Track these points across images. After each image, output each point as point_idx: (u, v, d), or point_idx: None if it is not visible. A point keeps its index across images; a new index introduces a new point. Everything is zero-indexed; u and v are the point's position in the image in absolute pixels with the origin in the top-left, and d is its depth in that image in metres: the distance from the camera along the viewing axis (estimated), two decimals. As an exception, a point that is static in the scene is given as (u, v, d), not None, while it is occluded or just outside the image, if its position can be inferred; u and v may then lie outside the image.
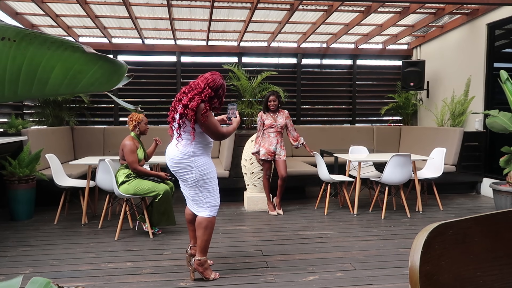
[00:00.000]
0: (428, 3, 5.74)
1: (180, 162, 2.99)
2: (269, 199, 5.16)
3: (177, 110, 2.98)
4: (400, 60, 7.95)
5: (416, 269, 0.71)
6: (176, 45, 7.74)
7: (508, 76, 4.96)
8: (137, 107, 0.79)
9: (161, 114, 8.00)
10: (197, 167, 2.99)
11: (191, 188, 3.07)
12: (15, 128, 5.26)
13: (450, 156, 6.03)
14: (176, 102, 3.02)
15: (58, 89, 0.58)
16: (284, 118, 5.07)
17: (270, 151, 4.97)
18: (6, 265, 3.38)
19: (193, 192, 3.07)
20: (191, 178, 3.01)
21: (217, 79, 3.01)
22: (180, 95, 3.03)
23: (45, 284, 0.79)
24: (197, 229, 3.08)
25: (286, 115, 5.13)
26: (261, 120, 5.04)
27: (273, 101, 4.98)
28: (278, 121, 5.01)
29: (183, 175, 3.03)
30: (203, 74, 3.07)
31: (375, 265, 3.38)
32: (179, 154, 2.99)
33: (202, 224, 3.03)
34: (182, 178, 3.07)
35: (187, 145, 2.99)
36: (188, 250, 3.33)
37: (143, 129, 4.20)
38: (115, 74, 0.59)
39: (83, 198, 4.69)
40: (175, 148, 3.03)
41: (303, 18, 6.72)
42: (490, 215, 0.81)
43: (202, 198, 3.05)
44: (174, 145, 3.04)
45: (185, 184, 3.10)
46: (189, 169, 2.99)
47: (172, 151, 3.04)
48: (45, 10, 5.90)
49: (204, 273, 3.06)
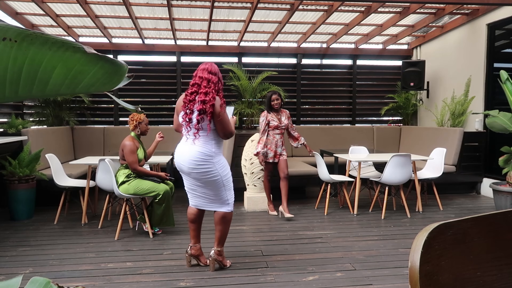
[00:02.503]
0: (428, 3, 5.74)
1: (202, 164, 2.99)
2: (270, 199, 5.14)
3: (193, 110, 2.99)
4: (400, 60, 7.95)
5: (416, 269, 0.71)
6: (176, 45, 7.74)
7: (508, 76, 4.96)
8: (137, 107, 0.79)
9: (161, 114, 8.00)
10: (220, 168, 3.05)
11: (211, 189, 3.10)
12: (15, 128, 5.26)
13: (450, 156, 6.03)
14: (190, 104, 3.01)
15: (59, 90, 0.58)
16: (286, 118, 5.06)
17: (277, 153, 4.97)
18: (6, 265, 3.38)
19: (213, 193, 3.12)
20: (215, 180, 3.05)
21: (213, 65, 3.10)
22: (189, 96, 3.02)
23: (45, 283, 0.79)
24: (218, 223, 3.18)
25: (288, 115, 5.11)
26: (266, 120, 4.92)
27: (276, 99, 4.92)
28: (282, 122, 4.98)
29: (204, 177, 3.03)
30: (199, 69, 3.08)
31: (375, 265, 3.38)
32: (200, 155, 2.98)
33: (225, 219, 3.17)
34: (202, 180, 3.04)
35: (207, 144, 3.01)
36: (188, 250, 3.34)
37: (143, 129, 4.19)
38: (115, 75, 0.59)
39: (83, 198, 4.69)
40: (192, 148, 3.00)
41: (303, 18, 6.72)
42: (490, 215, 0.81)
43: (224, 196, 3.15)
44: (189, 145, 3.01)
45: (204, 186, 3.09)
46: (212, 171, 3.02)
47: (190, 151, 3.00)
48: (45, 10, 5.90)
49: (223, 261, 3.26)
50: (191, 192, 3.24)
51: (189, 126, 3.02)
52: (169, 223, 4.14)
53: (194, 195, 3.23)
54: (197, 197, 3.22)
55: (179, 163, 3.09)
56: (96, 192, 5.08)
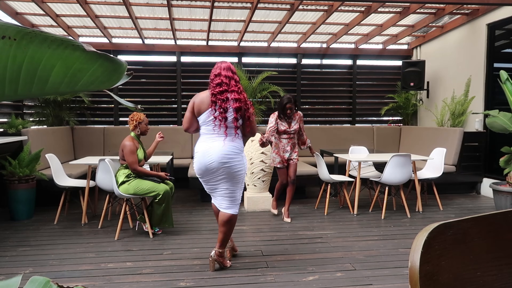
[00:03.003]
0: (428, 3, 5.74)
1: (234, 157, 3.10)
2: (275, 198, 5.02)
3: (227, 109, 3.06)
4: (400, 60, 7.95)
5: (416, 269, 0.71)
6: (176, 45, 7.74)
7: (508, 76, 4.96)
8: (137, 105, 0.79)
9: (161, 114, 8.00)
10: (244, 163, 3.21)
11: (232, 184, 3.20)
12: (15, 128, 5.26)
13: (450, 156, 6.03)
14: (223, 103, 3.06)
15: (58, 88, 0.58)
16: (298, 122, 4.80)
17: (284, 158, 4.77)
18: (6, 265, 3.38)
19: (234, 188, 3.22)
20: (240, 174, 3.17)
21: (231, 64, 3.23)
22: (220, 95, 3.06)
23: (45, 283, 0.79)
24: (223, 225, 3.21)
25: (300, 118, 4.83)
26: (275, 125, 4.66)
27: (289, 109, 4.61)
28: (292, 127, 4.74)
29: (232, 170, 3.12)
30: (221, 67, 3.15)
31: (375, 265, 3.38)
32: (233, 149, 3.10)
33: (231, 221, 3.23)
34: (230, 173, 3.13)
35: (237, 140, 3.16)
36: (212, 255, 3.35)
37: (143, 129, 4.18)
38: (115, 73, 0.59)
39: (83, 198, 4.69)
40: (224, 144, 3.08)
41: (303, 18, 6.72)
42: (490, 215, 0.81)
43: (237, 195, 3.25)
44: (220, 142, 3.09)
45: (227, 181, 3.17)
46: (240, 165, 3.15)
47: (222, 147, 3.07)
48: (45, 10, 5.90)
49: (224, 262, 3.28)
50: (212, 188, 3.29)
51: (223, 124, 3.08)
52: (169, 223, 4.13)
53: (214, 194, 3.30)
54: (216, 196, 3.29)
55: (208, 161, 3.09)
56: (96, 192, 5.08)
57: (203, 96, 3.15)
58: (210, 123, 3.10)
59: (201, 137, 3.20)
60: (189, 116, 3.19)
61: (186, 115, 3.21)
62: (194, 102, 3.16)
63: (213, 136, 3.11)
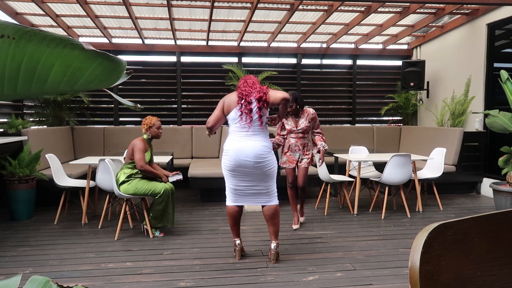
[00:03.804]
0: (428, 3, 5.74)
1: (266, 155, 3.27)
2: (295, 209, 4.58)
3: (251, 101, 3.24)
4: (400, 60, 7.94)
5: (416, 269, 0.71)
6: (176, 45, 7.74)
7: (508, 76, 4.96)
8: (136, 104, 0.78)
9: (161, 114, 7.99)
10: (274, 159, 3.37)
11: (267, 181, 3.34)
12: (15, 128, 5.26)
13: (450, 156, 6.03)
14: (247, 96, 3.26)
15: (57, 87, 0.58)
16: (307, 121, 4.45)
17: (292, 158, 4.51)
18: (6, 265, 3.38)
19: (269, 184, 3.37)
20: (273, 171, 3.34)
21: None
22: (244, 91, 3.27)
23: (44, 282, 0.79)
24: (272, 218, 3.39)
25: (311, 116, 4.47)
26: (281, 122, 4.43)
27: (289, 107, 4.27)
28: (299, 125, 4.44)
29: (266, 169, 3.28)
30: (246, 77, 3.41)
31: (375, 265, 3.38)
32: (265, 148, 3.27)
33: (277, 211, 3.41)
34: (264, 172, 3.28)
35: (265, 137, 3.32)
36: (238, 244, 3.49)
37: (154, 133, 4.18)
38: (114, 71, 0.59)
39: (83, 198, 4.69)
40: (255, 142, 3.24)
41: (303, 18, 6.72)
42: (490, 215, 0.81)
43: (273, 188, 3.40)
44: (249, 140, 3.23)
45: (261, 179, 3.31)
46: (272, 162, 3.31)
47: (254, 146, 3.23)
48: (45, 10, 5.90)
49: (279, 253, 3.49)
50: (242, 189, 3.36)
51: (248, 117, 3.22)
52: (169, 222, 4.13)
53: (243, 193, 3.37)
54: (246, 195, 3.37)
55: (243, 159, 3.23)
56: (96, 192, 5.08)
57: (232, 96, 3.38)
58: (238, 121, 3.29)
59: (231, 136, 3.35)
60: (218, 114, 3.36)
61: (215, 113, 3.37)
62: (224, 101, 3.38)
63: (242, 134, 3.28)
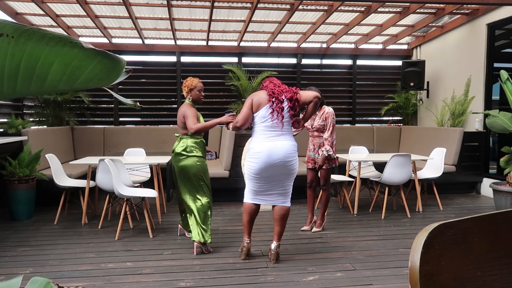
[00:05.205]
0: (428, 3, 5.74)
1: (294, 155, 3.30)
2: (310, 210, 4.44)
3: (282, 100, 3.26)
4: (400, 60, 7.94)
5: (416, 269, 0.71)
6: (176, 45, 7.74)
7: (508, 76, 4.96)
8: (136, 103, 0.78)
9: (161, 114, 7.99)
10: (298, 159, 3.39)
11: (289, 180, 3.37)
12: (15, 128, 5.26)
13: (450, 156, 6.02)
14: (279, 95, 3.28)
15: (57, 85, 0.58)
16: (322, 119, 4.25)
17: (310, 157, 4.42)
18: (6, 265, 3.38)
19: (288, 184, 3.39)
20: (296, 170, 3.36)
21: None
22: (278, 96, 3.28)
23: (45, 284, 0.79)
24: (282, 219, 3.39)
25: (326, 114, 4.27)
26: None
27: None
28: (314, 124, 4.29)
29: (292, 168, 3.31)
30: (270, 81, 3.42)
31: (375, 265, 3.38)
32: (293, 147, 3.31)
33: (287, 214, 3.43)
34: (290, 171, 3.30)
35: (292, 137, 3.36)
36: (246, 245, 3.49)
37: (195, 97, 3.74)
38: (113, 70, 0.59)
39: (83, 198, 4.69)
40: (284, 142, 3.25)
41: (303, 18, 6.72)
42: (490, 215, 0.81)
43: (290, 188, 3.42)
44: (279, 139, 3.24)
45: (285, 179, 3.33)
46: (296, 161, 3.34)
47: (284, 145, 3.24)
48: (45, 10, 5.90)
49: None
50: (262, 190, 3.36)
51: (280, 115, 3.22)
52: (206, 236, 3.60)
53: (263, 194, 3.38)
54: (265, 195, 3.38)
55: (274, 160, 3.23)
56: (96, 192, 5.08)
57: (261, 93, 3.35)
58: (268, 120, 3.25)
59: (258, 136, 3.28)
60: (246, 111, 3.30)
61: (243, 111, 3.31)
62: (253, 99, 3.34)
63: (272, 134, 3.26)
